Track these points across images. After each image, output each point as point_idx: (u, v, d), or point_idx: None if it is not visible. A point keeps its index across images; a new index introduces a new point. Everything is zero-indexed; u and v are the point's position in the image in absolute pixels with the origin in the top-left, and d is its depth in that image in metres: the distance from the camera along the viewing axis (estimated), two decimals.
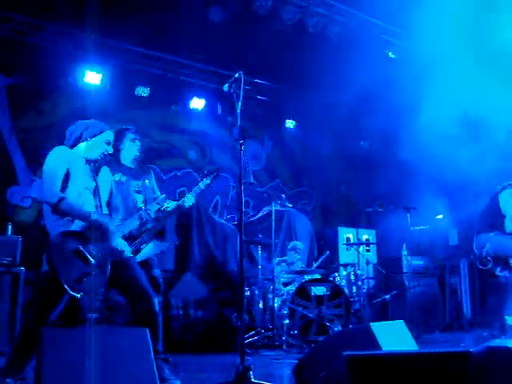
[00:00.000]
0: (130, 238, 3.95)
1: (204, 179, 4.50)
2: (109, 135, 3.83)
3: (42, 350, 2.37)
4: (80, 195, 3.59)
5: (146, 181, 4.67)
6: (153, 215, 3.92)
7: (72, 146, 3.75)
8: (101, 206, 3.70)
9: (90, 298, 3.38)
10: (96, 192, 3.72)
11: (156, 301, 3.56)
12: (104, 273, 3.44)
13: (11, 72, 7.35)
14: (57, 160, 3.61)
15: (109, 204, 3.86)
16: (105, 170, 3.90)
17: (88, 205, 3.60)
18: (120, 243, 3.69)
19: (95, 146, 3.76)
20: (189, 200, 4.41)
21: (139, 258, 4.19)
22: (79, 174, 3.64)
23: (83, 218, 3.50)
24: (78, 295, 3.28)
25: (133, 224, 3.84)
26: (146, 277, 4.04)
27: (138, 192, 4.52)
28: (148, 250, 4.32)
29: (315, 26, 7.50)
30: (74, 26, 7.35)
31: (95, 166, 3.81)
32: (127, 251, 3.73)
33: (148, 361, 2.46)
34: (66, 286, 3.27)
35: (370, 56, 7.50)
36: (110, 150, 3.84)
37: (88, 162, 3.76)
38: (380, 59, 7.86)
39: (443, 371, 2.32)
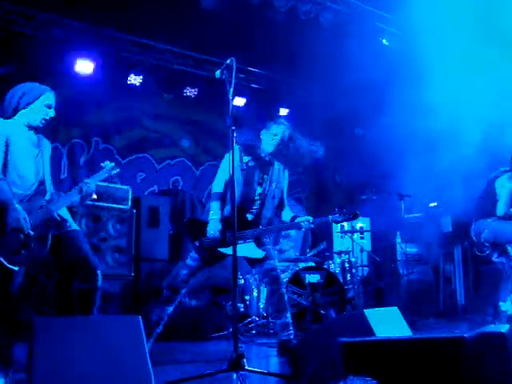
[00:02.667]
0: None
1: (337, 215, 4.43)
2: (48, 97, 3.65)
3: (33, 339, 2.36)
4: (20, 166, 3.50)
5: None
6: (93, 188, 3.67)
7: (11, 116, 3.60)
8: (43, 174, 3.61)
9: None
10: (39, 159, 3.62)
11: (99, 273, 3.51)
12: (44, 244, 3.43)
13: (1, 62, 7.27)
14: None
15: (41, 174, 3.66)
16: (45, 140, 3.77)
17: (29, 174, 3.52)
18: (64, 215, 3.62)
19: (34, 111, 3.60)
20: (306, 224, 4.42)
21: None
22: (20, 143, 3.52)
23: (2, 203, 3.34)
24: (16, 268, 3.28)
25: (73, 197, 3.63)
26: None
27: (260, 184, 4.57)
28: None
29: (308, 13, 7.45)
30: (66, 15, 7.29)
31: (37, 132, 3.69)
32: (72, 223, 3.66)
33: (140, 348, 2.45)
34: (1, 259, 3.25)
35: (364, 43, 7.47)
36: (52, 114, 3.66)
37: (30, 128, 3.64)
38: (374, 46, 7.82)
39: (438, 357, 2.32)
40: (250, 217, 4.52)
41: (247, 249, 4.42)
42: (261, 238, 4.53)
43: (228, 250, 4.39)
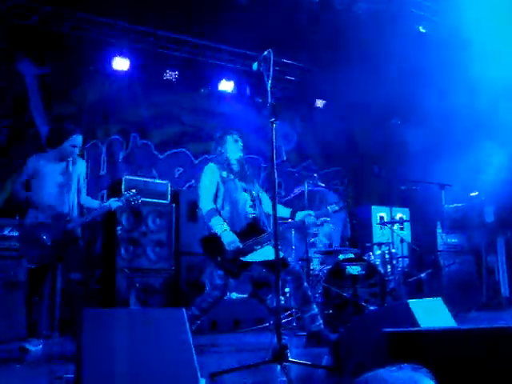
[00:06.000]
0: None
1: (334, 205, 4.79)
2: (72, 141, 4.63)
3: (82, 329, 2.41)
4: (47, 188, 4.56)
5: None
6: (114, 206, 4.57)
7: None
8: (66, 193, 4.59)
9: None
10: (67, 182, 4.61)
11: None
12: (56, 250, 4.47)
13: (42, 62, 7.41)
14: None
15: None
16: (78, 162, 4.80)
17: (49, 195, 4.54)
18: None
19: (63, 150, 4.64)
20: (311, 219, 4.71)
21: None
22: (47, 172, 4.57)
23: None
24: (33, 266, 4.45)
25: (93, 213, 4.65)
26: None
27: (245, 191, 4.68)
28: None
29: (342, 3, 7.37)
30: (101, 13, 7.39)
31: (70, 161, 4.68)
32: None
33: (185, 340, 2.48)
34: (24, 260, 4.57)
35: (400, 31, 7.35)
36: (74, 152, 4.68)
37: (62, 159, 4.65)
38: (410, 34, 7.69)
39: (484, 347, 2.27)
40: (251, 223, 4.58)
41: (266, 252, 4.42)
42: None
43: (250, 258, 4.45)
